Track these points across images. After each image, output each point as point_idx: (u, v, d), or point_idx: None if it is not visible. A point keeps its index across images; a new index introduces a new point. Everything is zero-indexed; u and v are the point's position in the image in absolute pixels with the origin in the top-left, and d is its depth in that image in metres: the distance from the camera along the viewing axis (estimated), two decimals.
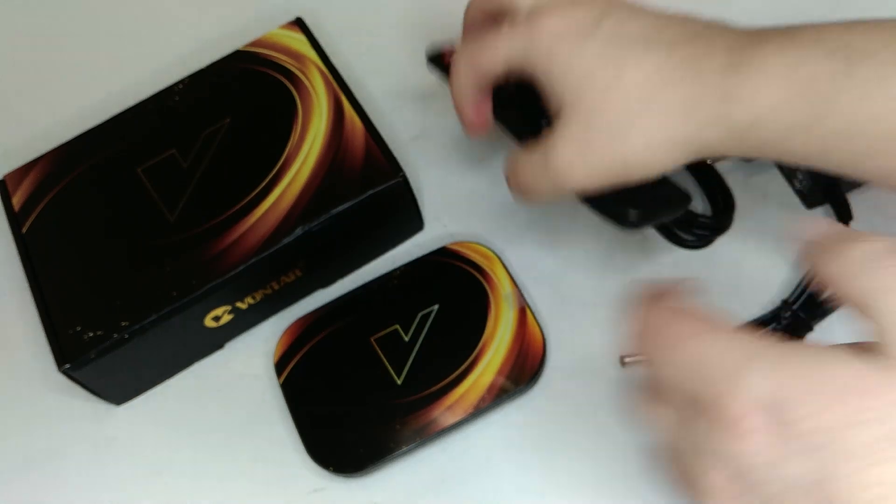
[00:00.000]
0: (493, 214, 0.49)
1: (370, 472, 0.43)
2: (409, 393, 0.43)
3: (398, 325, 0.45)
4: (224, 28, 0.57)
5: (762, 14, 0.53)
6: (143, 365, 0.46)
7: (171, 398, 0.47)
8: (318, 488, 0.43)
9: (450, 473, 0.42)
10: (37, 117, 0.57)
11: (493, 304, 0.45)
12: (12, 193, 0.48)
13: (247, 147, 0.47)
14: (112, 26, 0.61)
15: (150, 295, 0.43)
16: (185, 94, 0.49)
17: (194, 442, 0.45)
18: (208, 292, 0.43)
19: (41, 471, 0.46)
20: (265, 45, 0.50)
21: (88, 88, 0.57)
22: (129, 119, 0.49)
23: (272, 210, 0.45)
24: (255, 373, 0.47)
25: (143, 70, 0.57)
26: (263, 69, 0.49)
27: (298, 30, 0.51)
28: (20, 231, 0.47)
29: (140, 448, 0.46)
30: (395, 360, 0.44)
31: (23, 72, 0.60)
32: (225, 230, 0.45)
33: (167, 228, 0.45)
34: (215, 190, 0.46)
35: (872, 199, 0.48)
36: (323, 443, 0.43)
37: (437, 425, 0.42)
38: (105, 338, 0.43)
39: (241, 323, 0.47)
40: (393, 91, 0.54)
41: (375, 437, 0.42)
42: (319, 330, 0.46)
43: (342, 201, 0.44)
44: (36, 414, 0.47)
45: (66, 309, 0.44)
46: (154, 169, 0.47)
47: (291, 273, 0.46)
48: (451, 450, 0.43)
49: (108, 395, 0.46)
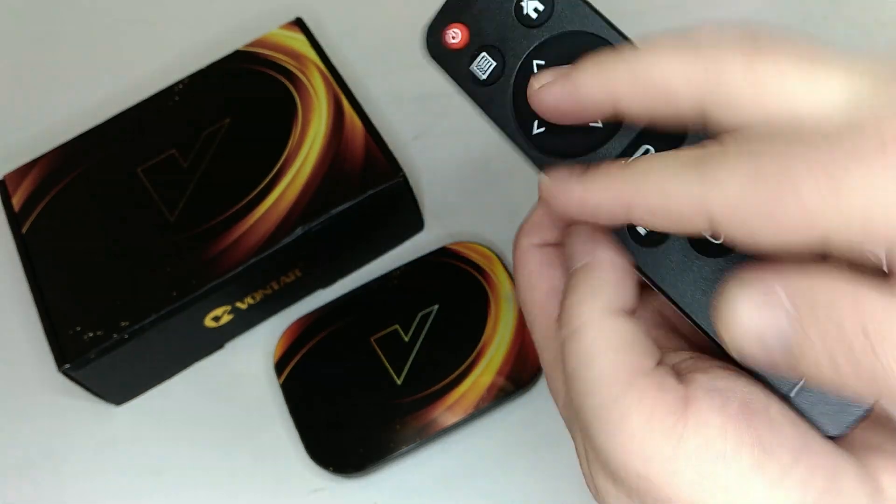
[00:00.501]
0: (493, 214, 0.49)
1: (370, 472, 0.43)
2: (409, 393, 0.43)
3: (398, 325, 0.45)
4: (224, 28, 0.57)
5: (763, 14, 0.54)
6: (143, 365, 0.46)
7: (171, 398, 0.47)
8: (318, 488, 0.43)
9: (450, 473, 0.42)
10: (37, 117, 0.57)
11: (494, 304, 0.45)
12: (12, 193, 0.48)
13: (247, 147, 0.47)
14: (112, 26, 0.61)
15: (150, 295, 0.43)
16: (185, 94, 0.49)
17: (194, 442, 0.45)
18: (208, 292, 0.43)
19: (41, 471, 0.46)
20: (265, 45, 0.50)
21: (88, 88, 0.57)
22: (129, 119, 0.49)
23: (272, 210, 0.45)
24: (255, 373, 0.47)
25: (143, 70, 0.57)
26: (263, 69, 0.49)
27: (298, 30, 0.50)
28: (20, 231, 0.47)
29: (140, 448, 0.46)
30: (395, 360, 0.44)
31: (23, 72, 0.60)
32: (225, 230, 0.44)
33: (167, 228, 0.45)
34: (215, 190, 0.46)
35: None
36: (323, 443, 0.43)
37: (437, 425, 0.42)
38: (105, 338, 0.43)
39: (241, 323, 0.47)
40: (393, 91, 0.54)
41: (375, 437, 0.42)
42: (319, 330, 0.46)
43: (342, 201, 0.44)
44: (36, 414, 0.47)
45: (66, 309, 0.44)
46: (154, 169, 0.47)
47: (291, 273, 0.46)
48: (451, 450, 0.43)
49: (108, 395, 0.46)
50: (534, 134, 0.28)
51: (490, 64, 0.28)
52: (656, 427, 0.23)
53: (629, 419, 0.23)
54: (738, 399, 0.23)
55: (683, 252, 0.25)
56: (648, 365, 0.24)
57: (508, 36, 0.28)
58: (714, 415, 0.23)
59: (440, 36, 0.29)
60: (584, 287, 0.26)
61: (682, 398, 0.23)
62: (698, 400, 0.23)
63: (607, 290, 0.25)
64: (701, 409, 0.23)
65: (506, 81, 0.28)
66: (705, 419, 0.23)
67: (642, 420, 0.23)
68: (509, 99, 0.28)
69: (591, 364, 0.24)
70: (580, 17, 0.27)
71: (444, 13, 0.29)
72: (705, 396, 0.23)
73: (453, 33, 0.28)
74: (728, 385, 0.24)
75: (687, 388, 0.23)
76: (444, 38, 0.28)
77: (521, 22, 0.28)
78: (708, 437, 0.22)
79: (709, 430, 0.23)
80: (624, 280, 0.26)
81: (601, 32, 0.27)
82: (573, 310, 0.25)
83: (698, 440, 0.22)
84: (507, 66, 0.28)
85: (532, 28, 0.28)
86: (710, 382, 0.24)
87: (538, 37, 0.28)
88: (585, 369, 0.24)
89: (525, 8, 0.28)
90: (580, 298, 0.26)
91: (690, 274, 0.25)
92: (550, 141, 0.27)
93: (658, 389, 0.23)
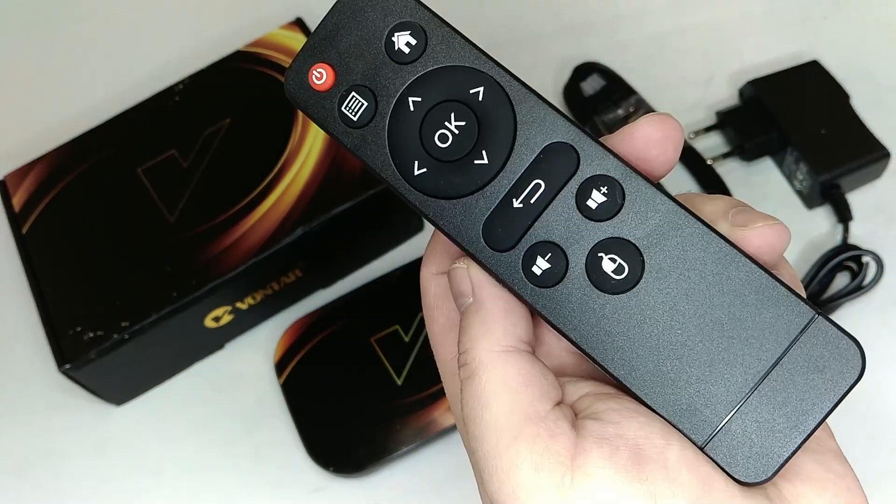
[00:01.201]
0: None
1: (370, 472, 0.43)
2: (409, 393, 0.43)
3: (398, 326, 0.45)
4: (224, 28, 0.57)
5: (763, 15, 0.54)
6: (144, 365, 0.46)
7: (171, 398, 0.47)
8: (318, 488, 0.43)
9: (450, 473, 0.42)
10: (37, 117, 0.57)
11: None
12: (12, 193, 0.48)
13: (247, 147, 0.47)
14: (112, 26, 0.61)
15: (150, 295, 0.43)
16: (185, 94, 0.49)
17: (194, 442, 0.45)
18: (208, 292, 0.43)
19: (41, 471, 0.46)
20: (265, 45, 0.50)
21: (88, 88, 0.57)
22: (129, 119, 0.49)
23: (272, 210, 0.45)
24: (255, 373, 0.47)
25: (143, 70, 0.57)
26: (263, 69, 0.49)
27: (298, 30, 0.50)
28: (20, 231, 0.47)
29: (140, 448, 0.46)
30: (395, 360, 0.44)
31: (23, 72, 0.60)
32: (225, 230, 0.44)
33: (167, 229, 0.45)
34: (215, 190, 0.46)
35: (873, 200, 0.48)
36: (323, 443, 0.43)
37: (437, 425, 0.42)
38: (105, 338, 0.43)
39: (241, 323, 0.47)
40: None
41: (375, 437, 0.42)
42: (319, 330, 0.46)
43: (342, 201, 0.44)
44: (36, 414, 0.47)
45: (66, 309, 0.44)
46: (154, 169, 0.47)
47: (291, 273, 0.46)
48: (451, 450, 0.43)
49: (108, 395, 0.46)
50: (415, 175, 0.26)
51: (361, 104, 0.26)
52: (544, 478, 0.22)
53: (518, 469, 0.22)
54: (628, 448, 0.22)
55: (582, 290, 0.24)
56: (544, 409, 0.23)
57: (380, 74, 0.26)
58: (602, 467, 0.22)
59: (304, 78, 0.26)
60: (475, 326, 0.25)
61: (572, 447, 0.22)
62: (586, 451, 0.22)
63: (498, 327, 0.24)
64: (588, 460, 0.22)
65: (380, 122, 0.26)
66: (592, 471, 0.22)
67: (531, 470, 0.22)
68: (384, 140, 0.26)
69: (485, 408, 0.23)
70: (455, 50, 0.25)
71: (305, 53, 0.26)
72: (594, 447, 0.22)
73: (318, 73, 0.26)
74: (619, 431, 0.23)
75: (578, 437, 0.23)
76: (308, 80, 0.26)
77: (392, 58, 0.26)
78: (594, 491, 0.22)
79: (596, 482, 0.22)
80: (514, 313, 0.25)
81: (478, 65, 0.25)
82: (468, 352, 0.24)
83: (585, 493, 0.22)
84: (380, 105, 0.26)
85: (405, 64, 0.25)
86: (601, 430, 0.23)
87: (412, 73, 0.25)
88: (480, 414, 0.23)
89: (396, 43, 0.25)
90: (472, 338, 0.25)
91: (592, 313, 0.24)
92: (434, 182, 0.25)
93: (549, 437, 0.22)
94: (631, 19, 0.55)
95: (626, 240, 0.24)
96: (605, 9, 0.55)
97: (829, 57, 0.50)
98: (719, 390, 0.23)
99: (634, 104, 0.50)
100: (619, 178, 0.24)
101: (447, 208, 0.25)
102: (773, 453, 0.22)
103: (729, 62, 0.52)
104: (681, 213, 0.24)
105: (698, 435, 0.23)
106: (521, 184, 0.25)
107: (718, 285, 0.23)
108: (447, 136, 0.25)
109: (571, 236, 0.24)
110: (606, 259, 0.24)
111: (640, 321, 0.24)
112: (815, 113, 0.48)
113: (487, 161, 0.25)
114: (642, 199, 0.24)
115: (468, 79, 0.25)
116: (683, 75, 0.52)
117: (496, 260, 0.25)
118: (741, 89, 0.50)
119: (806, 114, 0.48)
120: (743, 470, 0.23)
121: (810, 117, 0.48)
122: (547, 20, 0.56)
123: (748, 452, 0.23)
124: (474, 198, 0.25)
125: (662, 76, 0.52)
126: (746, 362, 0.23)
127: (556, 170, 0.24)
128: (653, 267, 0.24)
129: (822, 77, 0.49)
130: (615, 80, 0.51)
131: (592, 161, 0.24)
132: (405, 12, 0.25)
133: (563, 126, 0.24)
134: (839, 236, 0.46)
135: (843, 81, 0.49)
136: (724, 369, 0.23)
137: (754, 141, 0.48)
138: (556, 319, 0.24)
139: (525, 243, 0.25)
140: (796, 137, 0.47)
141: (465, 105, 0.25)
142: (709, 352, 0.23)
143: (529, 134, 0.25)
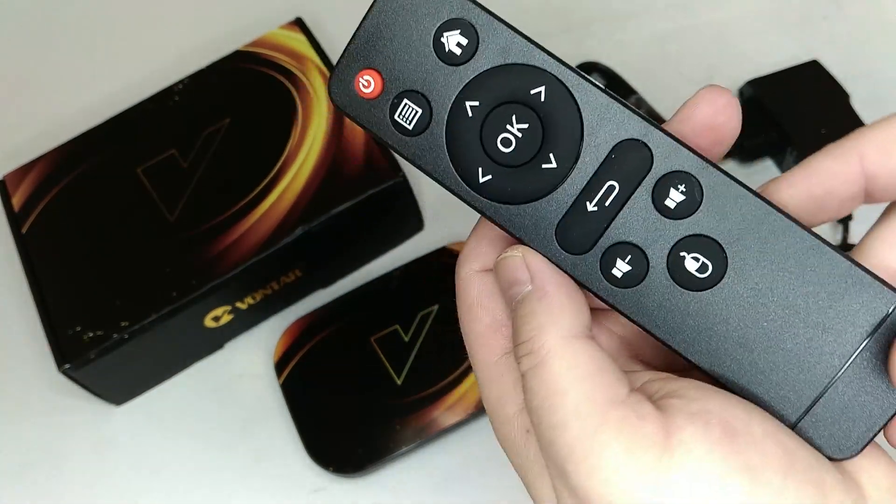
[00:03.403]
0: None
1: (370, 472, 0.43)
2: (409, 393, 0.43)
3: (398, 325, 0.45)
4: (224, 28, 0.57)
5: (764, 15, 0.54)
6: (144, 365, 0.46)
7: (171, 398, 0.47)
8: (318, 488, 0.43)
9: (450, 473, 0.42)
10: (37, 117, 0.57)
11: None
12: (12, 193, 0.48)
13: (247, 147, 0.47)
14: (112, 26, 0.61)
15: (150, 295, 0.43)
16: (185, 94, 0.49)
17: (194, 442, 0.45)
18: (208, 292, 0.43)
19: (41, 471, 0.46)
20: (265, 45, 0.50)
21: (88, 88, 0.57)
22: (129, 119, 0.49)
23: (272, 210, 0.45)
24: (255, 373, 0.47)
25: (143, 70, 0.57)
26: (263, 69, 0.49)
27: (298, 30, 0.50)
28: (20, 231, 0.47)
29: (140, 448, 0.46)
30: (395, 360, 0.44)
31: (23, 72, 0.60)
32: (225, 230, 0.44)
33: (167, 228, 0.45)
34: (215, 190, 0.46)
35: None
36: (323, 443, 0.43)
37: (437, 425, 0.42)
38: (105, 338, 0.43)
39: (241, 323, 0.47)
40: None
41: (375, 437, 0.42)
42: (319, 330, 0.46)
43: (342, 201, 0.44)
44: (36, 414, 0.47)
45: (66, 309, 0.44)
46: (154, 169, 0.47)
47: (291, 273, 0.46)
48: (451, 450, 0.43)
49: (108, 395, 0.46)
50: (480, 183, 0.24)
51: (414, 112, 0.24)
52: (640, 459, 0.21)
53: (610, 453, 0.22)
54: (718, 422, 0.22)
55: (665, 289, 0.24)
56: (622, 392, 0.23)
57: (431, 77, 0.24)
58: (698, 442, 0.21)
59: (350, 85, 0.24)
60: (540, 314, 0.24)
61: (663, 427, 0.22)
62: (680, 428, 0.22)
63: (566, 314, 0.24)
64: (684, 437, 0.22)
65: (436, 129, 0.24)
66: (689, 448, 0.21)
67: (624, 453, 0.21)
68: (443, 148, 0.24)
69: (564, 396, 0.22)
70: (510, 47, 0.24)
71: (348, 58, 0.24)
72: (686, 423, 0.22)
73: (364, 81, 0.24)
74: (705, 407, 0.22)
75: (665, 416, 0.22)
76: (355, 87, 0.24)
77: (443, 60, 0.24)
78: (695, 467, 0.21)
79: (695, 459, 0.21)
80: (579, 300, 0.24)
81: (536, 62, 0.24)
82: (534, 340, 0.23)
83: (685, 471, 0.21)
84: (435, 111, 0.24)
85: (457, 66, 0.24)
86: (688, 406, 0.22)
87: (466, 75, 0.24)
88: (558, 402, 0.23)
89: (446, 45, 0.24)
90: (538, 326, 0.23)
91: (676, 310, 0.24)
92: (500, 189, 0.24)
93: (637, 419, 0.22)
94: (631, 19, 0.55)
95: (707, 237, 0.23)
96: (605, 9, 0.55)
97: (829, 57, 0.50)
98: (807, 375, 0.23)
99: (634, 104, 0.50)
100: (695, 172, 0.23)
101: (516, 213, 0.24)
102: (859, 430, 0.23)
103: (729, 62, 0.52)
104: (760, 204, 0.23)
105: (789, 415, 0.23)
106: (594, 186, 0.24)
107: (802, 274, 0.23)
108: (510, 141, 0.24)
109: (650, 236, 0.24)
110: (689, 258, 0.24)
111: (725, 315, 0.24)
112: (815, 113, 0.48)
113: (556, 165, 0.24)
114: (720, 193, 0.23)
115: (527, 78, 0.24)
116: (683, 75, 0.52)
117: (571, 262, 0.24)
118: (741, 89, 0.50)
119: (806, 114, 0.48)
120: (832, 446, 0.23)
121: (810, 117, 0.48)
122: (547, 20, 0.56)
123: (836, 430, 0.23)
124: (545, 201, 0.24)
125: (662, 76, 0.52)
126: (833, 347, 0.23)
127: (629, 169, 0.23)
128: (736, 262, 0.23)
129: (822, 77, 0.49)
130: (615, 80, 0.51)
131: (666, 156, 0.23)
132: (451, 9, 0.24)
133: (632, 121, 0.23)
134: (839, 236, 0.46)
135: (843, 81, 0.49)
136: (812, 354, 0.23)
137: (754, 141, 0.48)
138: (639, 318, 0.24)
139: (602, 245, 0.24)
140: (796, 137, 0.47)
141: (527, 106, 0.24)
142: (795, 339, 0.23)
143: (597, 132, 0.24)
